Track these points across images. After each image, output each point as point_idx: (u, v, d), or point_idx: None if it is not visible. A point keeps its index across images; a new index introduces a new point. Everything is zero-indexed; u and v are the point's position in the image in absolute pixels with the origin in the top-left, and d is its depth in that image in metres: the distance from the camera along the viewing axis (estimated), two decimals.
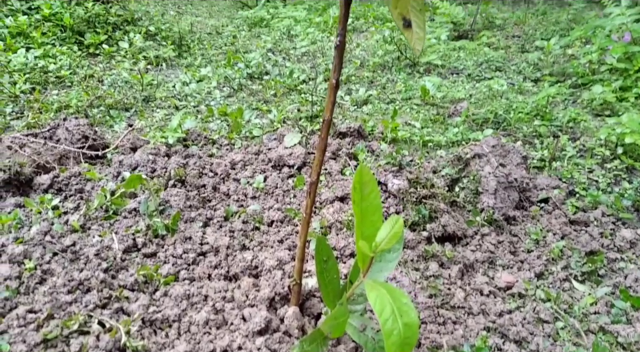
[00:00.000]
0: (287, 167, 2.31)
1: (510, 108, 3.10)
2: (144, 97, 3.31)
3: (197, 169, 2.17)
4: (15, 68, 3.49)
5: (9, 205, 1.91)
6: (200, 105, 3.24)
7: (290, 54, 4.67)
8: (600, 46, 3.86)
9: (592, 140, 2.77)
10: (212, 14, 6.56)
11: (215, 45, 4.83)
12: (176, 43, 4.52)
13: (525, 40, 5.28)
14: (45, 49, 3.78)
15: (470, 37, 5.52)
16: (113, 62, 4.00)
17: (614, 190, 2.29)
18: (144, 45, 4.24)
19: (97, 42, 4.14)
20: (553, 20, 6.18)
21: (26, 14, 4.09)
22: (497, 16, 6.37)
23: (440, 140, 2.61)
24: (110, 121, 2.91)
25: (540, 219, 2.01)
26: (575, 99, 3.57)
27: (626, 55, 3.71)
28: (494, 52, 4.71)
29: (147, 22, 4.65)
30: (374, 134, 2.66)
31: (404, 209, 1.93)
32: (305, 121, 2.88)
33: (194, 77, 3.76)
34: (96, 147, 2.42)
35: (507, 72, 4.19)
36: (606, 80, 3.66)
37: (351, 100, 3.40)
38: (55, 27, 4.07)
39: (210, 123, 2.87)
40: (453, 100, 3.35)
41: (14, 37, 3.89)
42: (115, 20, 4.38)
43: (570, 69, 3.96)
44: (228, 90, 3.54)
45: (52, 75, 3.53)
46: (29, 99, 3.11)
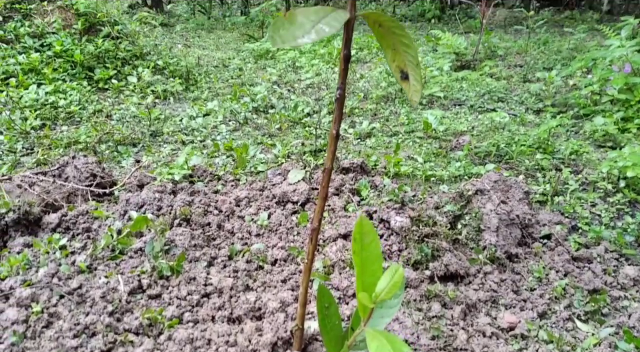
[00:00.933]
0: (291, 204, 2.34)
1: (512, 141, 3.13)
2: (152, 132, 3.38)
3: (202, 207, 2.20)
4: (27, 104, 3.58)
5: (17, 245, 1.94)
6: (207, 140, 3.29)
7: (295, 86, 4.76)
8: (601, 77, 3.90)
9: (594, 173, 2.78)
10: (219, 47, 6.71)
11: (222, 78, 4.93)
12: (183, 77, 4.62)
13: (527, 70, 5.35)
14: (55, 85, 3.88)
15: (472, 67, 5.60)
16: (122, 97, 4.09)
17: (617, 225, 2.30)
18: (152, 79, 4.34)
19: (106, 77, 4.25)
20: (555, 49, 6.27)
21: (38, 50, 4.22)
22: (499, 46, 6.47)
23: (443, 175, 2.64)
24: (118, 157, 2.97)
25: (543, 256, 2.02)
26: (577, 130, 3.60)
27: (627, 86, 3.75)
28: (496, 83, 4.77)
29: (155, 57, 4.77)
30: (377, 169, 2.69)
31: (407, 247, 1.94)
32: (309, 155, 2.93)
33: (201, 111, 3.83)
34: (104, 185, 2.46)
35: (510, 102, 4.24)
36: (608, 111, 3.70)
37: (354, 133, 3.44)
38: (66, 63, 4.18)
39: (216, 158, 2.92)
40: (455, 133, 3.39)
41: (26, 73, 4.00)
42: (124, 55, 4.50)
43: (572, 100, 4.00)
44: (234, 124, 3.61)
45: (62, 111, 3.61)
46: (39, 135, 3.19)
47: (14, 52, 4.15)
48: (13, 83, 3.83)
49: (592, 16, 9.83)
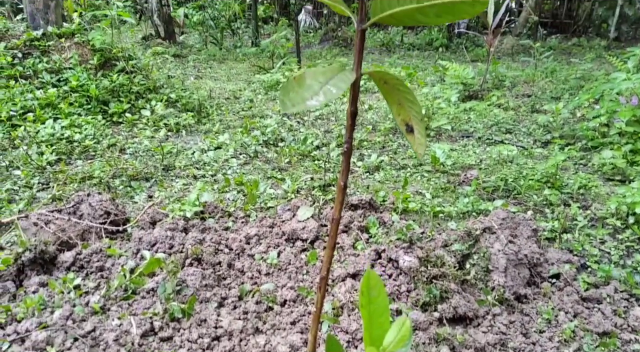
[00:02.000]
0: (300, 241, 2.37)
1: (520, 175, 3.15)
2: (164, 166, 3.45)
3: (213, 245, 2.24)
4: (43, 139, 3.68)
5: (33, 284, 1.98)
6: (218, 174, 3.35)
7: (305, 118, 4.84)
8: (608, 109, 3.93)
9: (603, 208, 2.78)
10: (230, 78, 6.85)
11: (233, 110, 5.03)
12: (196, 109, 4.73)
13: (534, 100, 5.39)
14: (71, 119, 3.99)
15: (480, 97, 5.65)
16: (135, 130, 4.19)
17: (627, 263, 2.29)
18: (165, 112, 4.44)
19: (120, 110, 4.35)
20: (562, 78, 6.32)
21: (55, 86, 4.35)
22: (507, 75, 6.53)
23: (451, 211, 2.66)
24: (131, 192, 3.03)
25: (552, 297, 2.01)
26: (585, 163, 3.61)
27: (635, 119, 3.77)
28: (504, 113, 4.81)
29: (168, 90, 4.88)
30: (385, 205, 2.72)
31: (415, 288, 1.96)
32: (318, 190, 2.97)
33: (212, 144, 3.90)
34: (117, 222, 2.51)
35: (518, 134, 4.27)
36: (616, 143, 3.71)
37: (363, 166, 3.49)
38: (81, 97, 4.30)
39: (227, 193, 2.97)
40: (463, 167, 3.41)
41: (43, 108, 4.12)
42: (138, 89, 4.62)
43: (580, 131, 4.02)
44: (244, 158, 3.67)
45: (77, 145, 3.71)
46: (54, 170, 3.27)
47: (32, 87, 4.29)
48: (30, 118, 3.94)
49: (599, 43, 9.91)
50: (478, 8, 1.07)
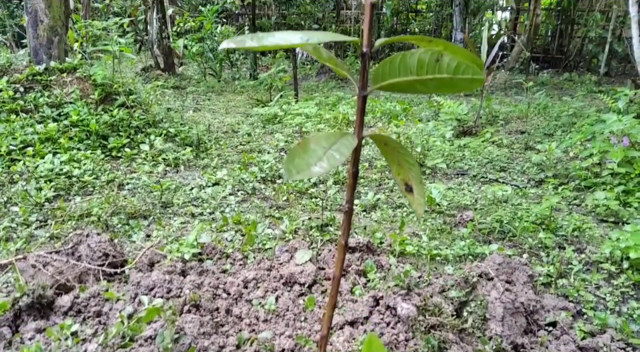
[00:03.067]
0: (298, 285, 2.37)
1: (515, 216, 3.18)
2: (162, 203, 3.47)
3: (211, 290, 2.24)
4: (42, 174, 3.70)
5: (29, 330, 1.97)
6: (216, 212, 3.37)
7: None
8: (600, 149, 4.01)
9: (597, 252, 2.82)
10: (229, 110, 6.93)
11: (231, 145, 5.08)
12: (194, 144, 4.77)
13: (528, 137, 5.48)
14: (70, 154, 4.02)
15: (474, 133, 5.74)
16: (134, 165, 4.22)
17: (622, 310, 2.31)
18: (163, 147, 4.48)
19: (119, 145, 4.39)
20: (555, 115, 6.44)
21: (56, 120, 4.39)
22: (500, 111, 6.65)
23: (448, 255, 2.68)
24: (130, 231, 3.04)
25: (549, 346, 2.02)
26: (579, 203, 3.66)
27: (626, 159, 3.84)
28: (497, 151, 4.89)
29: (167, 124, 4.94)
30: (382, 247, 2.74)
31: (413, 337, 1.96)
32: (316, 231, 2.99)
33: (210, 180, 3.93)
34: (115, 264, 2.51)
35: (512, 172, 4.33)
36: (609, 183, 3.77)
37: (360, 205, 3.52)
38: (81, 132, 4.34)
39: (224, 233, 2.98)
40: (459, 207, 3.45)
41: (43, 142, 4.15)
42: (137, 123, 4.67)
43: (573, 171, 4.08)
44: (242, 195, 3.69)
45: (76, 181, 3.73)
46: (53, 207, 3.28)
47: (33, 121, 4.33)
48: (30, 152, 3.97)
49: (590, 78, 10.13)
50: (476, 84, 1.12)
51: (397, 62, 1.21)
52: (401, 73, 1.22)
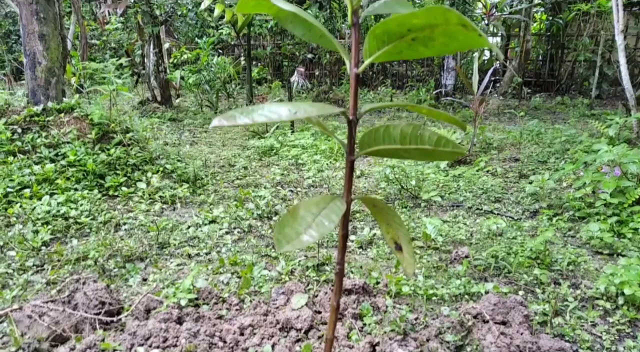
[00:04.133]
0: (294, 331, 2.37)
1: (511, 250, 3.20)
2: (159, 244, 3.48)
3: (207, 339, 2.24)
4: (39, 216, 3.72)
5: None
6: (212, 252, 3.38)
7: (299, 187, 4.92)
8: (592, 179, 4.05)
9: (593, 287, 2.83)
10: (225, 142, 6.99)
11: (228, 179, 5.11)
12: (191, 180, 4.81)
13: (522, 165, 5.53)
14: (67, 195, 4.04)
15: (469, 161, 5.80)
16: (131, 204, 4.24)
17: (619, 349, 2.31)
18: (160, 184, 4.51)
19: (116, 184, 4.42)
20: (548, 141, 6.51)
21: (53, 160, 4.43)
22: (494, 138, 6.73)
23: (444, 294, 2.69)
24: (126, 275, 3.04)
25: None
26: (574, 234, 3.68)
27: (619, 189, 3.88)
28: (492, 181, 4.93)
29: (164, 161, 4.98)
30: (378, 288, 2.75)
31: None
32: (312, 271, 3.00)
33: (207, 218, 3.95)
34: (112, 312, 2.52)
35: (506, 203, 4.37)
36: (602, 214, 3.80)
37: (356, 241, 3.53)
38: (78, 172, 4.38)
39: (221, 275, 2.99)
40: (454, 242, 3.47)
41: (40, 183, 4.18)
42: (134, 161, 4.71)
43: (567, 201, 4.12)
44: (238, 233, 3.71)
45: (72, 222, 3.74)
46: (49, 251, 3.29)
47: (30, 162, 4.37)
48: (27, 194, 4.00)
49: (582, 101, 10.26)
50: (457, 155, 1.16)
51: (382, 131, 1.25)
52: (385, 141, 1.26)
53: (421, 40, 1.17)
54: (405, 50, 1.22)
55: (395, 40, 1.20)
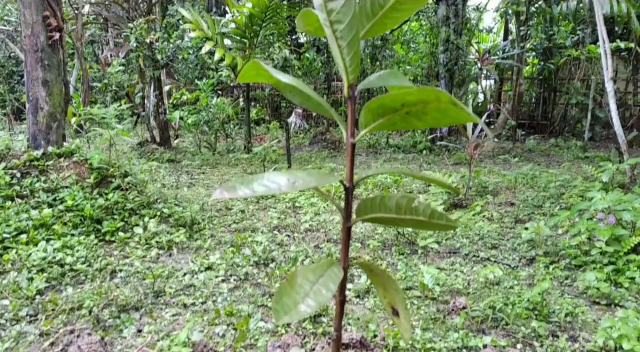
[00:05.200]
0: None
1: (508, 301, 3.19)
2: (154, 293, 3.45)
3: None
4: (35, 263, 3.69)
5: None
6: (208, 301, 3.35)
7: (295, 232, 4.92)
8: (587, 227, 4.08)
9: (591, 339, 2.81)
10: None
11: (225, 224, 5.12)
12: (187, 225, 4.81)
13: (517, 210, 5.57)
14: (64, 241, 4.03)
15: (465, 205, 5.83)
16: (127, 249, 4.23)
17: None
18: (157, 229, 4.51)
19: (113, 229, 4.42)
20: (542, 185, 6.57)
21: (51, 205, 4.44)
22: (489, 182, 6.79)
23: (442, 348, 2.66)
24: (121, 325, 3.00)
25: None
26: (571, 283, 3.68)
27: (614, 237, 3.90)
28: (488, 226, 4.95)
29: (161, 205, 4.99)
30: (375, 342, 2.72)
31: None
32: (309, 322, 2.97)
33: (203, 264, 3.93)
34: None
35: (503, 250, 4.37)
36: (598, 262, 3.81)
37: (353, 290, 3.51)
38: (75, 217, 4.38)
39: (216, 327, 2.96)
40: (452, 291, 3.46)
41: (37, 229, 4.18)
42: (132, 205, 4.73)
43: (563, 249, 4.13)
44: (235, 281, 3.69)
45: (68, 269, 3.72)
46: (44, 300, 3.25)
47: (28, 207, 4.38)
48: (23, 240, 3.99)
49: (575, 143, 10.42)
50: (449, 228, 1.20)
51: (378, 201, 1.29)
52: (382, 210, 1.29)
53: (414, 114, 1.23)
54: (399, 122, 1.28)
55: (389, 113, 1.26)
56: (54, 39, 4.78)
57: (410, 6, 1.26)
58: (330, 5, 1.21)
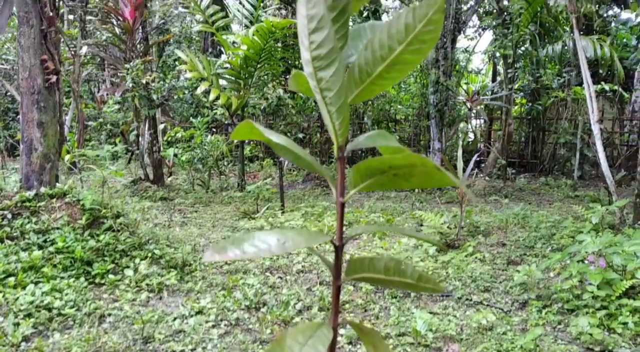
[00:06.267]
0: None
1: (501, 348, 3.17)
2: (143, 339, 3.39)
3: None
4: (22, 307, 3.63)
5: None
6: (198, 348, 3.30)
7: (287, 271, 4.90)
8: (579, 270, 4.09)
9: None
10: (215, 223, 7.01)
11: (216, 265, 5.08)
12: (179, 266, 4.77)
13: (509, 250, 5.59)
14: (53, 283, 3.98)
15: (457, 246, 5.84)
16: (117, 292, 4.18)
17: None
18: (148, 271, 4.47)
19: (103, 271, 4.37)
20: (534, 225, 6.61)
21: (41, 247, 4.41)
22: (481, 222, 6.82)
23: None
24: None
25: None
26: (564, 328, 3.66)
27: (605, 281, 3.91)
28: (480, 268, 4.95)
29: (153, 246, 4.96)
30: None
31: None
32: None
33: (193, 308, 3.89)
34: None
35: (495, 293, 4.36)
36: (591, 307, 3.80)
37: (345, 336, 3.48)
38: (66, 259, 4.34)
39: None
40: (445, 337, 3.43)
41: (25, 271, 4.13)
42: (123, 247, 4.69)
43: (555, 293, 4.13)
44: (225, 327, 3.64)
45: (56, 313, 3.66)
46: (29, 347, 3.19)
47: (18, 248, 4.33)
48: (11, 283, 3.93)
49: (565, 182, 10.53)
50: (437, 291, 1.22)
51: (367, 262, 1.32)
52: (371, 271, 1.32)
53: (402, 175, 1.27)
54: (387, 183, 1.32)
55: (377, 174, 1.30)
56: (51, 81, 4.86)
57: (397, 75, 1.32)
58: (320, 75, 1.26)
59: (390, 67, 1.32)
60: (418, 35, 1.24)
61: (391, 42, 1.28)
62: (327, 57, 1.27)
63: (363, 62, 1.36)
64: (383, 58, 1.32)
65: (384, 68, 1.33)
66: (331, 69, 1.29)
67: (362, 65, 1.36)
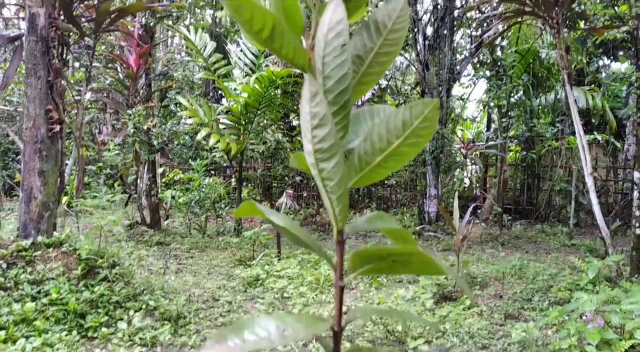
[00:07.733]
0: None
1: None
2: None
3: None
4: None
5: None
6: None
7: None
8: (577, 329, 4.06)
9: None
10: (211, 271, 6.96)
11: (211, 317, 5.02)
12: (173, 318, 4.71)
13: (507, 303, 5.55)
14: (44, 338, 3.92)
15: (454, 298, 5.80)
16: (110, 346, 4.10)
17: None
18: (142, 324, 4.41)
19: (96, 324, 4.31)
20: (531, 276, 6.59)
21: (35, 298, 4.36)
22: (478, 272, 6.80)
23: None
24: None
25: None
26: None
27: (604, 341, 3.88)
28: (478, 323, 4.91)
29: (147, 296, 4.91)
30: None
31: None
32: None
33: None
34: None
35: (494, 351, 4.31)
36: None
37: None
38: (59, 311, 4.28)
39: None
40: None
41: (17, 324, 4.07)
42: (118, 298, 4.65)
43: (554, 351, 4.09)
44: None
45: None
46: None
47: (11, 299, 4.28)
48: (1, 337, 3.87)
49: (562, 230, 10.55)
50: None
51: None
52: None
53: (400, 262, 1.31)
54: (385, 268, 1.36)
55: (376, 261, 1.34)
56: (55, 131, 4.95)
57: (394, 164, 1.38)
58: (321, 165, 1.32)
59: (388, 158, 1.38)
60: (415, 130, 1.30)
61: (389, 136, 1.35)
62: (329, 150, 1.33)
63: (362, 152, 1.42)
64: (382, 150, 1.38)
65: (382, 158, 1.39)
66: (332, 161, 1.35)
67: (362, 154, 1.42)
